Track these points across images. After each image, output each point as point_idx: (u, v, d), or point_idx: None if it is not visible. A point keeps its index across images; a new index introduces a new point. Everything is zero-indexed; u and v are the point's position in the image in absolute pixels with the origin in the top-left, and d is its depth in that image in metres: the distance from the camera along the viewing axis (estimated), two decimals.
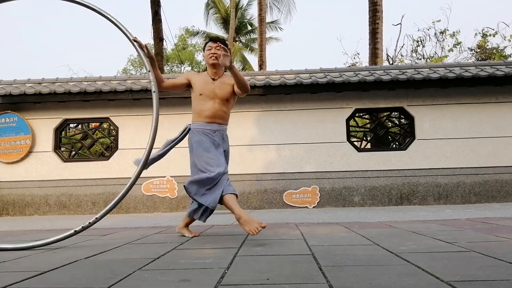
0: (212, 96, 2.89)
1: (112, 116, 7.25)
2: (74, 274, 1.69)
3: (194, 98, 2.97)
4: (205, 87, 2.90)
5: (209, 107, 2.87)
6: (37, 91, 6.90)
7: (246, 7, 25.40)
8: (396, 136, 8.06)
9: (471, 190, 6.73)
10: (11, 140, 7.16)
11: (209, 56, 2.92)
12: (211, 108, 2.87)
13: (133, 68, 27.24)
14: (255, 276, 1.56)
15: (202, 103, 2.89)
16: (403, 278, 1.46)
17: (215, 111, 2.89)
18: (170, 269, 1.74)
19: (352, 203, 6.80)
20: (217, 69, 2.96)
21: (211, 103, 2.88)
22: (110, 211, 2.71)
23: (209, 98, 2.89)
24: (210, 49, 2.94)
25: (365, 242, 2.42)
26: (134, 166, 2.87)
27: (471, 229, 2.90)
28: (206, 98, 2.89)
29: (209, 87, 2.90)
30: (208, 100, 2.88)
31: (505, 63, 7.26)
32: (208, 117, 2.88)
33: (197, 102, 2.93)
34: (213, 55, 2.90)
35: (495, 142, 6.82)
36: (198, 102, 2.92)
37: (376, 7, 9.75)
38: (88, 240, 2.91)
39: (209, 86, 2.91)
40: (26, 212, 7.06)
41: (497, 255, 1.85)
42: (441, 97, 6.97)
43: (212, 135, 2.88)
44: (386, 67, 7.73)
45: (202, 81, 2.94)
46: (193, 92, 2.97)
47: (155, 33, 11.29)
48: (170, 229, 3.59)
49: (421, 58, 15.17)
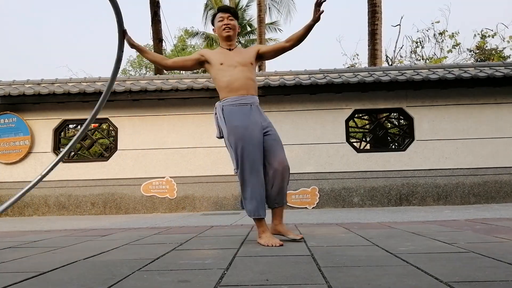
0: (234, 65, 2.60)
1: (111, 116, 7.25)
2: (74, 275, 1.69)
3: (216, 71, 2.64)
4: (224, 57, 2.64)
5: (237, 76, 2.58)
6: (36, 91, 6.90)
7: (246, 8, 25.41)
8: (396, 137, 8.07)
9: (470, 190, 6.74)
10: (10, 141, 7.15)
11: (222, 28, 2.66)
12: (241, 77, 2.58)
13: (132, 69, 27.24)
14: (254, 277, 1.56)
15: (226, 73, 2.59)
16: (403, 278, 1.47)
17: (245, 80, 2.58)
18: (169, 270, 1.74)
19: (351, 204, 6.80)
20: (231, 41, 2.71)
21: (236, 71, 2.59)
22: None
23: (232, 66, 2.60)
24: (222, 20, 2.68)
25: (365, 242, 2.42)
26: (133, 167, 2.83)
27: (470, 230, 2.90)
28: (228, 67, 2.60)
29: (229, 56, 2.65)
30: (233, 69, 2.59)
31: (504, 64, 7.27)
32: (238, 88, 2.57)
33: (220, 74, 2.61)
34: (226, 26, 2.65)
35: (494, 143, 6.83)
36: (222, 74, 2.60)
37: (375, 8, 9.76)
38: (87, 241, 2.91)
39: (227, 55, 2.66)
40: (25, 212, 7.05)
41: (496, 255, 1.85)
42: (440, 98, 6.98)
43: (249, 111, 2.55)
44: (385, 68, 7.74)
45: (219, 53, 2.69)
46: (212, 67, 2.66)
47: (155, 34, 11.31)
48: (169, 230, 3.59)
49: (420, 59, 15.20)
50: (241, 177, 2.52)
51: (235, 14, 2.73)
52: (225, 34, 2.67)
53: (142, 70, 26.86)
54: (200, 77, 7.49)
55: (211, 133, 7.16)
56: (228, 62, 2.61)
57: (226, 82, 2.58)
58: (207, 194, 6.95)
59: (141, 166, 6.94)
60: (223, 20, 2.68)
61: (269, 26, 24.04)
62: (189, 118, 7.15)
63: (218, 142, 7.05)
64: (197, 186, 6.97)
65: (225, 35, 2.67)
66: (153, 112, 7.19)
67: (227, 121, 2.54)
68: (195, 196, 6.95)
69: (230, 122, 2.53)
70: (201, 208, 6.94)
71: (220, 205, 6.92)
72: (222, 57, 2.64)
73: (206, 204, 6.93)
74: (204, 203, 6.94)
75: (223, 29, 2.66)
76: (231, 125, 2.52)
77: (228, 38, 2.68)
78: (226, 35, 2.67)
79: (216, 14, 2.74)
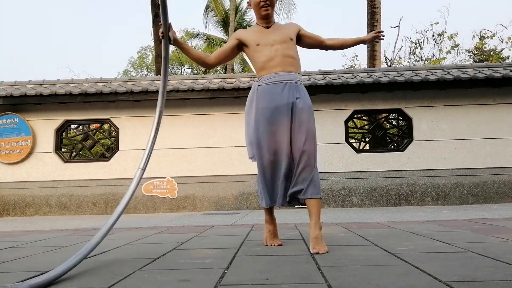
0: (271, 43, 2.39)
1: (112, 117, 7.27)
2: (74, 275, 1.70)
3: (252, 53, 2.44)
4: (261, 36, 2.43)
5: (274, 54, 2.37)
6: (38, 92, 6.92)
7: (246, 10, 25.41)
8: (394, 137, 8.09)
9: (469, 191, 6.76)
10: (12, 141, 7.17)
11: (259, 5, 2.40)
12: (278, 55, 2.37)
13: (133, 70, 27.23)
14: (254, 276, 1.58)
15: (263, 53, 2.39)
16: (401, 278, 1.48)
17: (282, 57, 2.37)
18: (170, 269, 1.76)
19: (350, 204, 6.82)
20: (269, 18, 2.46)
21: (273, 49, 2.37)
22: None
23: (269, 45, 2.39)
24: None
25: (364, 242, 2.44)
26: (134, 167, 2.78)
27: (469, 230, 2.92)
28: (265, 47, 2.39)
29: (265, 35, 2.43)
30: (269, 47, 2.38)
31: (502, 65, 7.28)
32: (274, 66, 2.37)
33: (257, 55, 2.42)
34: (265, 3, 2.39)
35: (492, 143, 6.85)
36: (258, 54, 2.40)
37: (375, 10, 9.78)
38: (88, 241, 2.92)
39: (264, 34, 2.43)
40: (27, 212, 7.07)
41: (495, 255, 1.86)
42: (439, 99, 6.99)
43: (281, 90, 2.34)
44: (384, 69, 7.76)
45: (255, 32, 2.47)
46: (249, 48, 2.45)
47: (156, 35, 11.32)
48: (170, 230, 3.60)
49: (419, 60, 15.21)
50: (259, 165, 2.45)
51: None
52: (264, 13, 2.42)
53: (143, 71, 26.86)
54: (201, 78, 7.51)
55: (212, 134, 7.20)
56: (264, 41, 2.40)
57: (262, 63, 2.39)
58: (207, 194, 6.97)
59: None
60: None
61: None
62: (189, 119, 7.17)
63: (218, 142, 7.10)
64: (198, 186, 6.99)
65: (263, 13, 2.42)
66: (154, 113, 7.17)
67: (256, 102, 2.40)
68: (196, 196, 6.97)
69: (257, 104, 2.39)
70: (201, 208, 6.95)
71: (220, 205, 6.94)
72: (258, 37, 2.43)
73: (207, 204, 6.95)
74: (205, 203, 6.96)
75: (261, 6, 2.40)
76: (258, 107, 2.38)
77: (267, 16, 2.44)
78: (264, 14, 2.42)
79: None
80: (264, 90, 2.38)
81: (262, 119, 2.36)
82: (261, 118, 2.36)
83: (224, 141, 7.08)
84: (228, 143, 7.06)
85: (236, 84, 6.81)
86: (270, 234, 2.45)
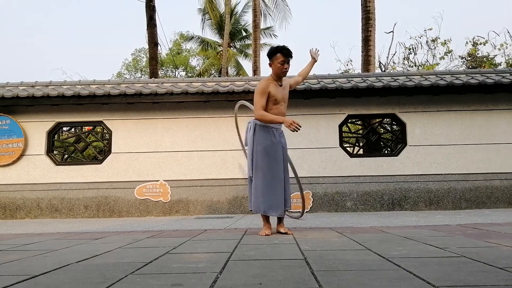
0: (281, 102, 3.40)
1: (105, 119, 7.22)
2: (65, 278, 1.68)
3: (270, 104, 3.35)
4: (278, 93, 3.36)
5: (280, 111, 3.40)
6: (30, 94, 6.85)
7: (241, 14, 25.52)
8: (388, 142, 8.12)
9: (462, 196, 6.80)
10: (3, 143, 7.09)
11: (281, 70, 3.32)
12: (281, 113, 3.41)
13: (127, 72, 27.15)
14: (248, 280, 1.56)
15: (276, 109, 3.36)
16: (395, 282, 1.48)
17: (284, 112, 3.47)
18: (162, 274, 1.74)
19: (344, 208, 6.83)
20: (283, 77, 3.43)
21: (281, 108, 3.42)
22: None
23: (279, 104, 3.39)
24: (283, 63, 3.30)
25: (357, 247, 2.44)
26: (127, 170, 2.87)
27: (462, 235, 2.93)
28: (279, 105, 3.38)
29: (281, 93, 3.39)
30: (279, 106, 3.39)
31: (495, 71, 7.36)
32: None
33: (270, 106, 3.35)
34: (285, 70, 3.34)
35: (485, 149, 6.91)
36: (273, 107, 3.36)
37: (369, 15, 9.85)
38: (80, 244, 2.89)
39: (280, 92, 3.39)
40: (17, 215, 6.98)
41: (487, 260, 1.87)
42: (432, 104, 7.05)
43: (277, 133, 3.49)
44: (378, 74, 7.80)
45: (273, 87, 3.35)
46: (269, 98, 3.34)
47: (150, 38, 11.32)
48: (163, 233, 3.57)
49: (413, 65, 15.32)
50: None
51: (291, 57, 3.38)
52: (282, 76, 3.40)
53: (137, 74, 26.78)
54: (195, 81, 7.49)
55: (206, 137, 7.18)
56: (279, 98, 3.36)
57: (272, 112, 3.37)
58: (201, 197, 6.94)
59: (135, 169, 6.91)
60: (284, 64, 3.31)
61: (264, 32, 24.13)
62: (183, 122, 7.15)
63: (212, 146, 7.08)
64: (191, 189, 6.95)
65: (282, 76, 3.39)
66: (147, 116, 7.18)
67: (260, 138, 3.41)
68: (189, 199, 6.94)
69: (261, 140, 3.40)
70: (194, 212, 6.92)
71: (214, 209, 6.91)
72: (276, 92, 3.34)
73: (200, 208, 6.92)
74: (198, 207, 6.92)
75: (282, 71, 3.34)
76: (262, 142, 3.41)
77: (284, 75, 3.41)
78: (281, 75, 3.39)
79: (277, 52, 3.32)
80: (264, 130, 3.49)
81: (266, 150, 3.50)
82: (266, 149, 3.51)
83: (218, 144, 7.06)
84: (222, 146, 7.04)
85: (231, 88, 6.81)
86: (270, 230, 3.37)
